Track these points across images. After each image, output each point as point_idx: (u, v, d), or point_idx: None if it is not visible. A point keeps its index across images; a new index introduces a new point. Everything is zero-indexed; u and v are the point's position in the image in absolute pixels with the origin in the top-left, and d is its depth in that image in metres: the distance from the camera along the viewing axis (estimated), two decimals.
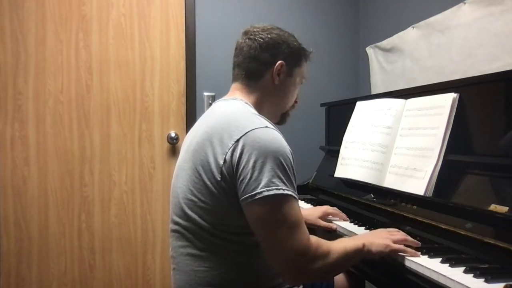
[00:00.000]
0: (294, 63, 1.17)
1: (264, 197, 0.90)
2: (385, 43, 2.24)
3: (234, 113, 1.04)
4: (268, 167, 0.92)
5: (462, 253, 1.02)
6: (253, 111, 1.06)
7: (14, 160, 2.09)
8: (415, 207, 1.26)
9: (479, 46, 1.60)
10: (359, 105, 1.70)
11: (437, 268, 0.92)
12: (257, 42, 1.12)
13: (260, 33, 1.13)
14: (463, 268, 0.90)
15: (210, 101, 2.30)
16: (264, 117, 1.03)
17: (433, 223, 1.16)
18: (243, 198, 0.93)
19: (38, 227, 2.12)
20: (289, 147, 0.98)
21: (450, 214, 1.11)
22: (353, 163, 1.57)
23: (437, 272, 0.90)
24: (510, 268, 0.90)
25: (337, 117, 2.06)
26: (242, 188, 0.93)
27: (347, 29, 2.61)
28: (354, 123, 1.68)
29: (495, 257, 0.95)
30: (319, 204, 1.62)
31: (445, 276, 0.88)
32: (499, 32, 1.51)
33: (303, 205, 1.73)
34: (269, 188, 0.91)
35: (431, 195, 1.19)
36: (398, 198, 1.34)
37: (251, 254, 1.02)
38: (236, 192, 0.95)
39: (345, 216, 1.45)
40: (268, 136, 0.96)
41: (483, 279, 0.84)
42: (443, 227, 1.12)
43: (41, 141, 2.12)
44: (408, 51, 2.05)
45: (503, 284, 0.81)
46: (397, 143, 1.38)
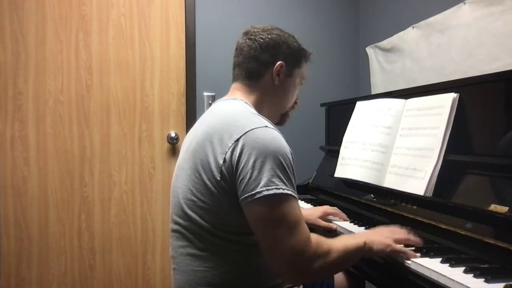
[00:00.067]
0: (294, 64, 1.17)
1: (264, 197, 0.90)
2: (385, 43, 2.24)
3: (234, 113, 1.04)
4: (268, 167, 0.92)
5: (462, 253, 1.02)
6: (253, 111, 1.06)
7: (14, 160, 2.09)
8: (415, 207, 1.25)
9: (479, 46, 1.60)
10: (359, 105, 1.70)
11: (437, 268, 0.92)
12: (257, 43, 1.12)
13: (261, 34, 1.13)
14: (463, 268, 0.90)
15: (210, 101, 2.30)
16: (264, 117, 1.03)
17: (433, 223, 1.15)
18: (243, 198, 0.93)
19: (38, 227, 2.12)
20: (289, 147, 0.98)
21: (450, 214, 1.11)
22: (353, 163, 1.57)
23: (437, 272, 0.90)
24: (510, 268, 0.90)
25: (337, 117, 2.06)
26: (242, 188, 0.93)
27: (347, 29, 2.61)
28: (354, 123, 1.68)
29: (495, 257, 0.94)
30: (319, 204, 1.62)
31: (445, 276, 0.88)
32: (499, 32, 1.51)
33: (303, 205, 1.73)
34: (269, 188, 0.91)
35: (431, 195, 1.19)
36: (398, 198, 1.34)
37: (251, 254, 1.03)
38: (236, 192, 0.95)
39: (345, 216, 1.45)
40: (268, 136, 0.96)
41: (483, 279, 0.84)
42: (443, 227, 1.12)
43: (41, 141, 2.12)
44: (408, 51, 2.05)
45: (503, 284, 0.81)
46: (397, 143, 1.38)
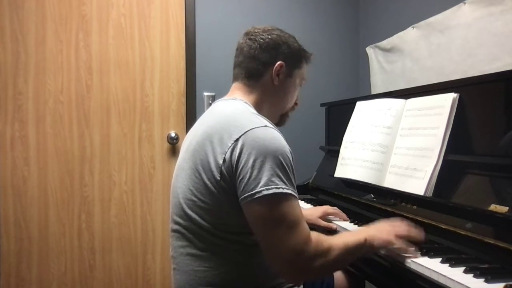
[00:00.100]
0: (294, 64, 1.17)
1: (264, 196, 0.90)
2: (385, 43, 2.24)
3: (234, 113, 1.04)
4: (268, 166, 0.92)
5: (462, 253, 1.02)
6: (253, 111, 1.06)
7: (14, 160, 2.09)
8: (415, 207, 1.25)
9: (479, 46, 1.60)
10: (359, 105, 1.70)
11: (437, 268, 0.92)
12: (258, 43, 1.12)
13: (261, 34, 1.14)
14: (463, 268, 0.90)
15: (210, 101, 2.30)
16: (264, 117, 1.03)
17: (433, 223, 1.15)
18: (243, 197, 0.93)
19: (38, 227, 2.12)
20: (289, 147, 0.98)
21: (450, 214, 1.11)
22: (353, 163, 1.57)
23: (437, 272, 0.90)
24: (510, 268, 0.90)
25: (337, 117, 2.06)
26: (242, 187, 0.93)
27: (347, 29, 2.61)
28: (354, 123, 1.68)
29: (495, 257, 0.94)
30: (319, 204, 1.62)
31: (445, 276, 0.88)
32: (499, 32, 1.51)
33: (303, 205, 1.73)
34: (269, 187, 0.91)
35: (431, 195, 1.19)
36: (398, 198, 1.34)
37: (251, 254, 1.03)
38: (236, 192, 0.95)
39: (345, 216, 1.45)
40: (268, 135, 0.96)
41: (483, 279, 0.84)
42: (443, 227, 1.12)
43: (41, 141, 2.12)
44: (408, 51, 2.05)
45: (503, 284, 0.81)
46: (397, 143, 1.38)
